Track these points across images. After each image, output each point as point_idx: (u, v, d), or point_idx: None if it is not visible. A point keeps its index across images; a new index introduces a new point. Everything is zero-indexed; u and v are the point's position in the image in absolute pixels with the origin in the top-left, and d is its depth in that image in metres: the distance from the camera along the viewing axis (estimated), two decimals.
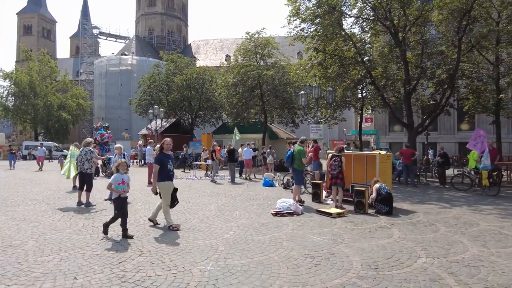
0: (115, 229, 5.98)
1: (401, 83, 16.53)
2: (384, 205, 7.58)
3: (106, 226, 5.74)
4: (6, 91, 41.28)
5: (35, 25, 69.87)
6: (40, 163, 20.30)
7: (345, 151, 9.42)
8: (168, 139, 6.54)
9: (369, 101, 21.32)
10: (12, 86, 40.67)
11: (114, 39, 60.93)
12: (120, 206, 5.69)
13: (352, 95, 20.33)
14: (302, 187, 10.99)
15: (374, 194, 7.79)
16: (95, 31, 58.61)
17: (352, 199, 8.24)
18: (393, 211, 7.69)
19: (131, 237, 5.57)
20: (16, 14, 70.80)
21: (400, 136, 27.63)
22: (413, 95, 17.03)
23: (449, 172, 15.11)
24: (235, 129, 17.50)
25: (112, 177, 5.81)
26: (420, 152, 22.91)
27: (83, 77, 56.52)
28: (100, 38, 60.98)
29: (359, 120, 23.88)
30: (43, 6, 73.26)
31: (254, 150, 16.62)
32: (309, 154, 11.20)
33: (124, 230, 5.64)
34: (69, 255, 4.72)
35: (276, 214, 7.34)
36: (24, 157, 32.53)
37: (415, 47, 16.11)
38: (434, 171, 16.65)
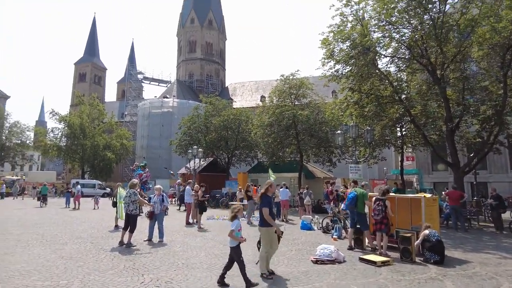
0: (154, 272, 6.02)
1: (443, 120, 15.91)
2: (434, 253, 7.02)
3: (222, 277, 5.44)
4: (61, 133, 44.93)
5: (88, 73, 76.96)
6: (76, 202, 20.43)
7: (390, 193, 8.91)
8: (272, 182, 6.34)
9: (409, 140, 20.59)
10: (66, 128, 44.24)
11: (157, 83, 65.17)
12: (240, 254, 5.38)
13: (391, 133, 19.79)
14: (343, 232, 10.57)
15: (418, 241, 7.28)
16: (140, 76, 63.20)
17: (397, 246, 7.74)
18: (444, 260, 7.09)
19: (256, 285, 5.33)
20: (74, 64, 78.67)
21: (445, 175, 26.12)
22: (456, 133, 16.26)
23: (506, 215, 13.76)
24: (270, 170, 17.40)
25: (233, 223, 5.52)
26: (469, 193, 21.38)
27: (128, 119, 60.29)
28: (144, 82, 65.55)
29: (400, 159, 23.01)
30: (96, 55, 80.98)
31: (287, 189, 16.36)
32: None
33: (247, 281, 5.25)
34: None
35: (316, 261, 7.04)
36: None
37: (456, 84, 15.63)
38: (487, 214, 15.33)
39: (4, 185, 33.91)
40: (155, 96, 59.18)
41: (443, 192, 15.06)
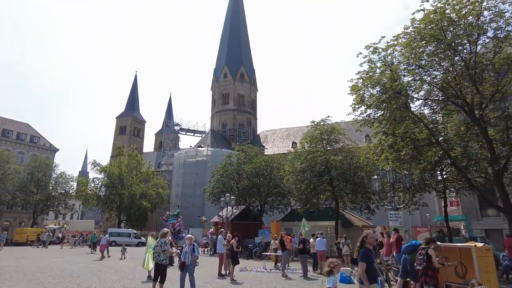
0: None
1: (487, 162, 14.92)
2: None
3: None
4: (100, 183, 47.09)
5: (128, 126, 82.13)
6: (103, 251, 20.21)
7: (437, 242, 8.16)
8: (371, 232, 5.67)
9: (451, 183, 19.34)
10: (106, 178, 46.39)
11: (192, 134, 68.08)
12: None
13: (431, 177, 18.74)
14: (386, 285, 9.75)
15: None
16: (176, 128, 66.45)
17: None
18: None
19: None
20: (116, 118, 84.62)
21: (497, 221, 23.89)
22: (505, 175, 15.07)
23: None
24: (303, 219, 16.71)
25: (329, 280, 5.11)
26: None
27: (164, 168, 62.41)
28: (180, 133, 68.68)
29: (443, 205, 21.51)
30: (136, 109, 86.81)
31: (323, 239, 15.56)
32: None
33: None
34: None
35: None
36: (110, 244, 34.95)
37: (497, 123, 14.82)
38: None
39: (47, 233, 35.31)
40: (190, 146, 61.48)
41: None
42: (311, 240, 15.06)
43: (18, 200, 44.11)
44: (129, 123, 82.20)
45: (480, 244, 8.04)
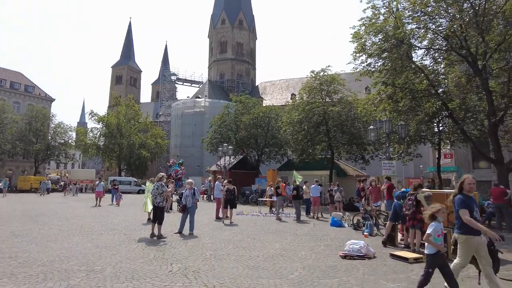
0: (182, 262, 6.17)
1: (484, 114, 14.93)
2: None
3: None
4: (99, 133, 47.29)
5: (124, 75, 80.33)
6: (99, 198, 19.44)
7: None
8: (470, 177, 4.77)
9: (447, 135, 19.54)
10: (104, 128, 46.47)
11: (189, 84, 66.82)
12: (441, 262, 4.38)
13: (427, 129, 18.86)
14: (375, 228, 10.26)
15: (453, 239, 6.86)
16: (173, 78, 65.05)
17: None
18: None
19: None
20: (111, 67, 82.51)
21: (487, 173, 24.48)
22: (500, 128, 15.16)
23: None
24: (294, 171, 16.90)
25: (432, 226, 4.42)
26: None
27: (162, 119, 62.30)
28: (177, 83, 67.39)
29: (437, 156, 21.92)
30: (132, 58, 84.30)
31: (319, 186, 16.06)
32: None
33: None
34: (140, 284, 4.96)
35: (345, 256, 6.87)
36: (109, 191, 36.07)
37: (500, 75, 14.57)
38: None
39: (49, 181, 36.24)
40: (188, 97, 60.68)
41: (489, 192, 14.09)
42: (304, 187, 15.55)
43: (18, 149, 44.57)
44: (125, 73, 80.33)
45: None
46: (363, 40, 15.44)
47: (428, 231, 4.39)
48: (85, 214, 14.52)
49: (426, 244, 4.45)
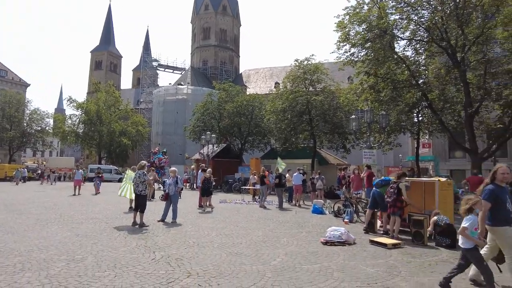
0: (165, 250, 6.16)
1: (461, 105, 15.41)
2: (445, 237, 6.91)
3: (448, 280, 4.30)
4: (78, 120, 45.93)
5: (104, 61, 77.94)
6: (77, 186, 18.61)
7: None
8: (504, 166, 4.52)
9: (426, 126, 20.10)
10: (83, 115, 45.16)
11: (172, 71, 65.48)
12: (479, 258, 4.19)
13: (407, 119, 19.34)
14: (355, 215, 10.52)
15: (430, 228, 7.17)
16: (155, 64, 63.53)
17: (409, 230, 7.64)
18: (457, 244, 6.95)
19: None
20: (90, 52, 79.74)
21: (462, 162, 25.49)
22: (476, 118, 15.72)
23: None
24: (278, 158, 17.11)
25: (468, 219, 4.17)
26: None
27: (143, 106, 61.00)
28: (159, 70, 65.90)
29: (415, 146, 22.54)
30: (112, 44, 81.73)
31: (303, 174, 16.29)
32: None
33: None
34: (123, 272, 4.92)
35: (326, 243, 7.03)
36: (91, 180, 35.26)
37: (477, 67, 15.03)
38: None
39: (25, 169, 35.07)
40: (170, 83, 59.54)
41: (464, 181, 14.64)
42: (287, 175, 15.73)
43: None
44: (105, 58, 77.91)
45: (443, 179, 8.63)
46: (347, 30, 15.54)
47: (465, 224, 4.14)
48: (64, 203, 14.20)
49: (460, 237, 4.23)
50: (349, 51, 15.97)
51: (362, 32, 15.21)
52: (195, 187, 24.00)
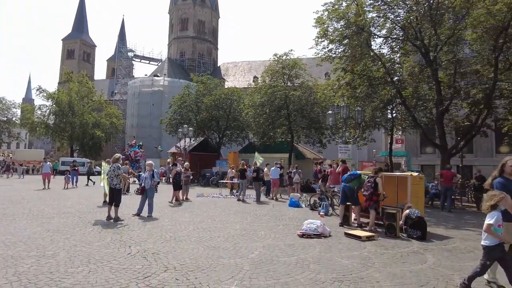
0: (141, 244, 6.06)
1: (433, 103, 16.02)
2: (416, 229, 7.21)
3: (470, 280, 4.09)
4: (48, 110, 44.00)
5: (77, 50, 74.91)
6: (47, 180, 17.71)
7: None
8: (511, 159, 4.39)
9: (399, 122, 20.76)
10: (54, 105, 43.31)
11: (148, 62, 63.89)
12: (502, 255, 3.96)
13: (381, 115, 19.88)
14: (330, 209, 10.75)
15: (401, 221, 7.46)
16: (130, 54, 61.77)
17: (382, 222, 7.91)
18: (427, 236, 7.28)
19: None
20: (62, 40, 76.29)
21: (432, 158, 26.52)
22: (446, 116, 16.41)
23: None
24: (256, 153, 17.22)
25: (492, 215, 3.95)
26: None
27: (117, 97, 59.30)
28: (134, 60, 64.13)
29: (389, 141, 23.24)
30: (85, 32, 78.60)
31: (280, 168, 16.45)
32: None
33: None
34: (97, 267, 4.80)
35: (302, 235, 7.15)
36: (62, 173, 33.96)
37: (448, 67, 15.65)
38: (470, 195, 15.75)
39: None
40: (146, 75, 58.05)
41: (437, 173, 15.23)
42: (265, 169, 15.82)
43: None
44: (78, 47, 74.93)
45: (416, 174, 8.96)
46: (325, 26, 15.66)
47: (490, 221, 3.91)
48: (33, 197, 13.63)
49: (484, 235, 4.01)
50: (327, 47, 16.13)
51: (340, 29, 15.40)
52: (171, 181, 23.70)
